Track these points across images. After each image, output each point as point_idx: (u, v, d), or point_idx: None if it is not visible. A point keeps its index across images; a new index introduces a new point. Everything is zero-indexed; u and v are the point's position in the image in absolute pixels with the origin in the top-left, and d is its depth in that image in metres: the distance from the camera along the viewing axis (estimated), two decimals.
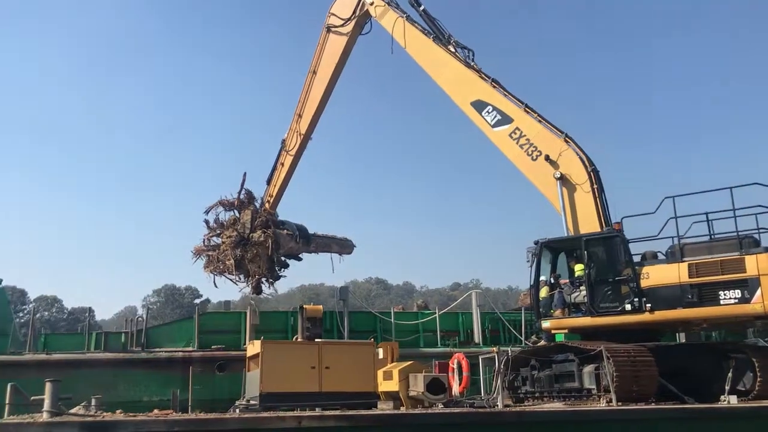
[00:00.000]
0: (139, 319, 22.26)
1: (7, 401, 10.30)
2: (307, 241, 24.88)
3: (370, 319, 23.40)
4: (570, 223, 15.73)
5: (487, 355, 16.55)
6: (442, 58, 18.92)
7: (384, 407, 13.05)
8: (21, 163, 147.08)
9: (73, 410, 10.39)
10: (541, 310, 15.33)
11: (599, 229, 15.21)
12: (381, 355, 15.33)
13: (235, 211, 24.24)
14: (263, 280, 23.90)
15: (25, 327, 28.95)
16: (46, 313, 74.50)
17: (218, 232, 24.16)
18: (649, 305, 13.60)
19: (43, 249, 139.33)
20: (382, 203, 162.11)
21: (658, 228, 14.12)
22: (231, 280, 23.82)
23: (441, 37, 19.28)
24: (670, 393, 13.09)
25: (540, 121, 16.73)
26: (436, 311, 23.89)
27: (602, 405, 12.04)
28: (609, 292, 14.21)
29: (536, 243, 15.40)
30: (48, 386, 8.72)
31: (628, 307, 13.82)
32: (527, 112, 16.96)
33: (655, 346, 13.83)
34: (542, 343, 17.26)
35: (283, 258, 24.54)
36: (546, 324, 15.05)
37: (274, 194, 24.27)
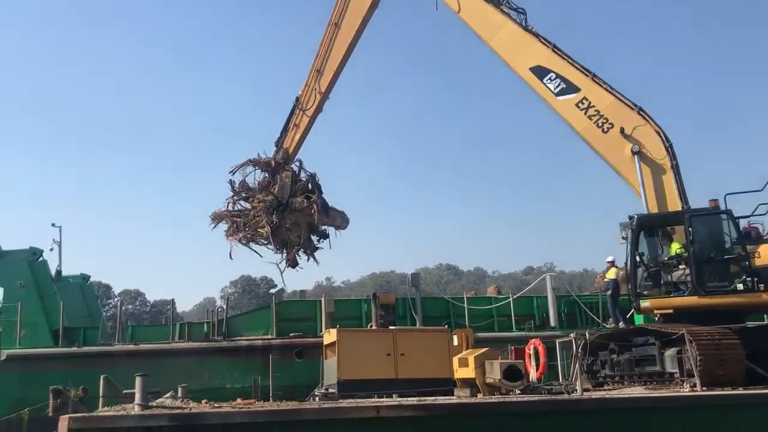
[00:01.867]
0: (219, 309, 22.99)
1: (100, 393, 10.81)
2: (326, 213, 22.48)
3: (442, 306, 23.37)
4: (649, 201, 15.11)
5: (564, 339, 16.32)
6: (495, 18, 17.63)
7: (461, 394, 13.06)
8: (100, 163, 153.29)
9: (161, 399, 10.84)
10: (639, 290, 14.35)
11: (678, 207, 14.72)
12: (456, 342, 15.34)
13: (267, 173, 21.76)
14: (300, 251, 21.73)
15: (111, 320, 30.34)
16: (130, 306, 77.75)
17: (245, 195, 21.63)
18: (762, 285, 13.07)
19: (125, 244, 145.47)
20: (447, 188, 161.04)
21: (743, 207, 13.65)
22: (255, 251, 21.52)
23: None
24: (758, 376, 12.57)
25: (609, 92, 16.01)
26: (510, 296, 23.65)
27: (686, 390, 11.66)
28: (716, 272, 13.57)
29: (631, 218, 14.51)
30: (138, 381, 9.15)
31: (740, 286, 13.23)
32: (595, 82, 16.19)
33: (741, 328, 13.27)
34: (621, 325, 16.89)
35: (323, 228, 22.33)
36: (646, 304, 14.12)
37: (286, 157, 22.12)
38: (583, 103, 16.08)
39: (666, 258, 14.37)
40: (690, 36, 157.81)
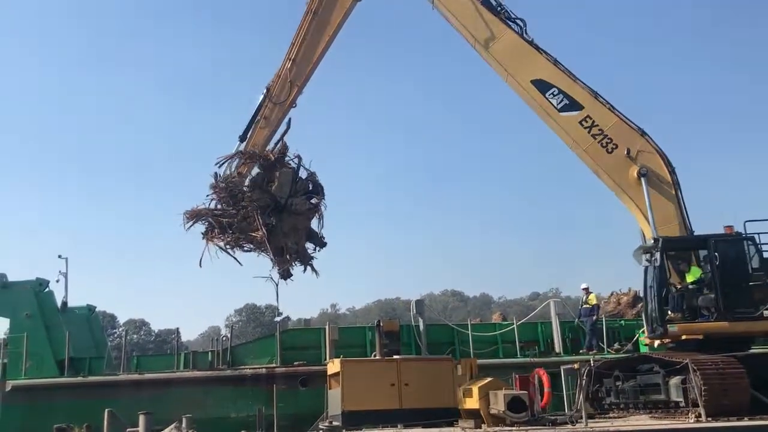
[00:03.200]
0: (224, 338, 22.98)
1: (105, 428, 10.88)
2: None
3: (447, 332, 23.32)
4: (657, 225, 14.92)
5: (569, 366, 16.29)
6: (495, 26, 16.64)
7: (465, 426, 13.04)
8: (105, 193, 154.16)
9: (167, 430, 10.88)
10: (669, 313, 13.95)
11: (684, 232, 14.76)
12: (460, 372, 15.33)
13: (261, 168, 18.40)
14: (295, 261, 18.45)
15: (116, 350, 30.34)
16: (135, 336, 77.63)
17: (234, 192, 17.90)
18: None
19: (130, 273, 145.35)
20: (452, 213, 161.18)
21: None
22: (236, 259, 17.80)
23: (488, 2, 16.90)
24: (764, 405, 12.51)
25: (613, 112, 15.73)
26: (514, 322, 23.62)
27: (691, 420, 11.62)
28: (742, 298, 13.56)
29: (656, 240, 14.31)
30: (141, 419, 9.21)
31: (766, 313, 13.25)
32: (598, 101, 15.79)
33: (746, 356, 13.25)
34: (624, 351, 16.86)
35: (321, 234, 18.88)
36: (674, 329, 13.71)
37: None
38: (586, 122, 15.69)
39: (689, 283, 14.20)
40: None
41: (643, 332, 15.95)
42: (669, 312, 13.92)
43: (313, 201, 18.55)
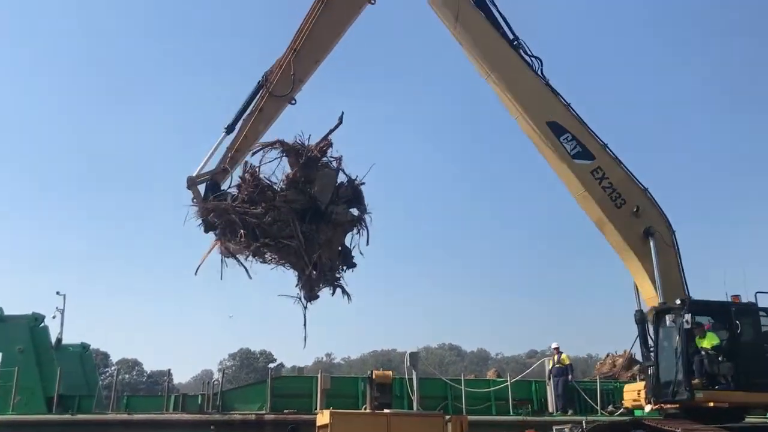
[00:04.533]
0: (215, 382, 22.85)
1: None
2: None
3: (441, 386, 23.17)
4: (663, 287, 14.66)
5: (561, 427, 16.17)
6: (514, 62, 15.68)
7: None
8: (103, 231, 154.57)
9: None
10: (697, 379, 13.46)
11: (683, 296, 14.55)
12: (450, 429, 15.24)
13: (298, 164, 14.83)
14: (323, 281, 15.17)
15: (107, 389, 30.09)
16: (127, 375, 76.84)
17: (265, 189, 14.44)
18: None
19: (126, 312, 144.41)
20: (451, 266, 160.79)
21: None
22: (247, 268, 14.28)
23: (506, 36, 15.91)
24: None
25: (621, 166, 15.36)
26: (508, 379, 23.47)
27: None
28: (759, 368, 13.60)
29: (682, 302, 13.97)
30: None
31: None
32: (607, 152, 15.34)
33: (740, 428, 13.20)
34: (619, 413, 16.71)
35: (351, 255, 15.66)
36: (700, 395, 13.24)
37: (237, 148, 15.20)
38: (597, 173, 15.15)
39: (708, 349, 13.95)
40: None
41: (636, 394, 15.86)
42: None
43: (355, 212, 15.49)
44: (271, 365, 74.83)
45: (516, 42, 15.84)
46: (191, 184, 13.82)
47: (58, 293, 25.13)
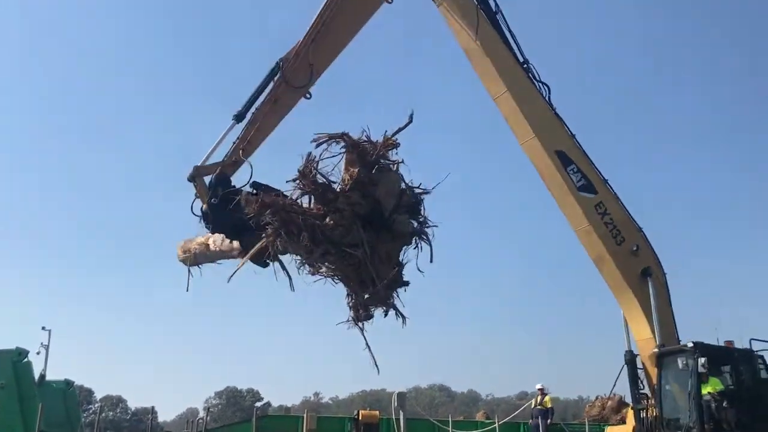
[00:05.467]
0: (200, 420, 22.56)
1: None
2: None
3: (428, 428, 23.06)
4: (660, 329, 14.44)
5: None
6: (527, 85, 14.79)
7: None
8: (92, 264, 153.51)
9: None
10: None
11: (674, 340, 14.54)
12: None
13: (361, 162, 11.98)
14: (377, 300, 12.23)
15: (90, 426, 29.58)
16: (111, 413, 75.55)
17: (327, 188, 11.40)
18: None
19: (112, 347, 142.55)
20: (443, 305, 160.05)
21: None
22: (290, 276, 11.26)
23: (516, 58, 14.91)
24: None
25: (620, 204, 15.01)
26: (496, 420, 23.31)
27: None
28: (759, 413, 13.54)
29: (696, 345, 13.68)
30: None
31: None
32: (607, 188, 14.95)
33: None
34: None
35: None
36: None
37: (250, 140, 13.11)
38: (600, 207, 14.66)
39: (712, 394, 13.69)
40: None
41: None
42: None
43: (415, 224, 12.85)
44: (258, 404, 73.99)
45: (526, 65, 15.05)
46: (197, 174, 11.37)
47: (43, 328, 24.88)
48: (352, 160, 12.16)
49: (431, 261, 12.61)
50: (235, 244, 11.32)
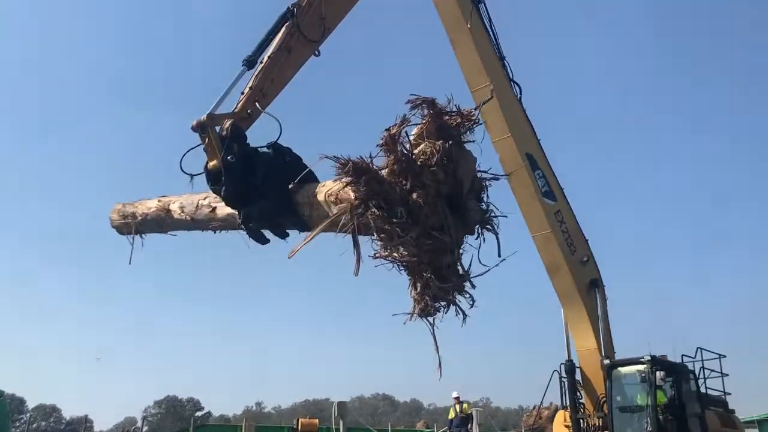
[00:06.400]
0: (135, 430, 22.14)
1: None
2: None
3: None
4: (604, 340, 14.66)
5: None
6: (506, 82, 14.28)
7: None
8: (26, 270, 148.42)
9: None
10: None
11: (611, 351, 14.80)
12: None
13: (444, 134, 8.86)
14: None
15: None
16: (44, 423, 73.00)
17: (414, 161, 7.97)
18: None
19: (45, 354, 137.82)
20: (385, 311, 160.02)
21: None
22: (359, 258, 7.87)
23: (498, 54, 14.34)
24: None
25: (571, 213, 15.07)
26: (435, 429, 23.56)
27: None
28: (697, 425, 13.86)
29: (653, 358, 14.03)
30: None
31: None
32: (564, 196, 15.00)
33: None
34: None
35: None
36: None
37: (264, 92, 11.29)
38: (559, 215, 14.70)
39: (661, 406, 14.07)
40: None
41: None
42: None
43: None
44: (198, 413, 72.54)
45: (502, 62, 14.62)
46: (210, 123, 9.45)
47: None
48: (431, 131, 10.22)
49: (499, 255, 11.65)
50: (220, 212, 8.95)
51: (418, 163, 8.03)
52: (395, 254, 8.16)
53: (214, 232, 9.32)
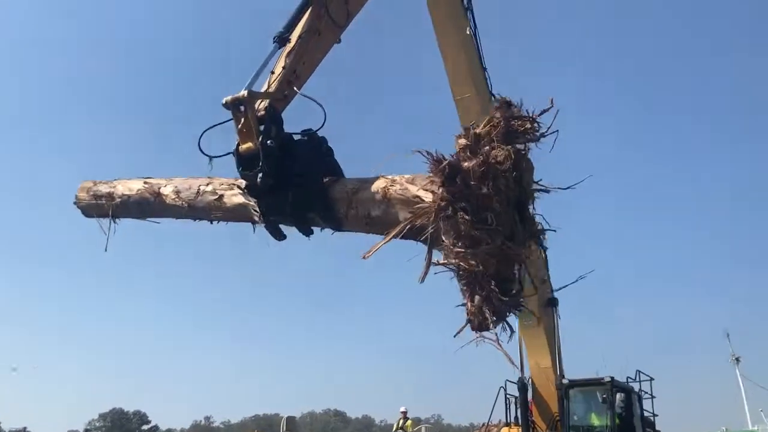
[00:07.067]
0: None
1: None
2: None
3: None
4: (556, 356, 14.90)
5: None
6: (488, 97, 13.59)
7: None
8: None
9: None
10: None
11: (557, 370, 15.00)
12: None
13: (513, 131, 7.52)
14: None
15: None
16: None
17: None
18: None
19: None
20: (337, 327, 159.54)
21: None
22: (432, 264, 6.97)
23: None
24: None
25: None
26: None
27: None
28: None
29: (612, 379, 14.36)
30: None
31: None
32: None
33: None
34: None
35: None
36: None
37: (298, 74, 9.42)
38: None
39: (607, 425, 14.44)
40: None
41: None
42: None
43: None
44: (145, 427, 71.04)
45: (485, 72, 14.31)
46: (249, 100, 7.91)
47: None
48: (499, 134, 9.11)
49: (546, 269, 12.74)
50: (228, 201, 7.78)
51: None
52: (464, 262, 7.14)
53: (211, 223, 8.14)
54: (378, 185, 6.31)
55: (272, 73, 8.69)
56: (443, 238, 6.18)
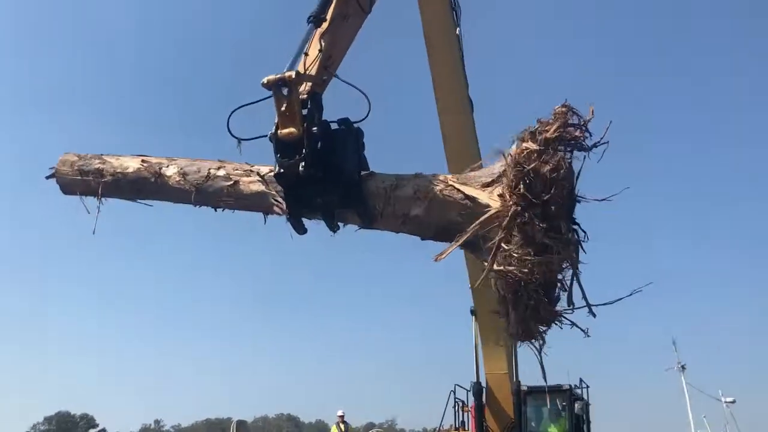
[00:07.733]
0: None
1: None
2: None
3: None
4: (511, 363, 14.81)
5: None
6: (468, 108, 13.01)
7: None
8: None
9: None
10: None
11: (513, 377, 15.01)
12: None
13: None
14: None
15: None
16: None
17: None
18: None
19: None
20: (290, 331, 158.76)
21: None
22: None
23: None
24: None
25: None
26: None
27: None
28: None
29: (571, 387, 14.69)
30: None
31: None
32: None
33: None
34: None
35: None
36: None
37: (333, 59, 8.42)
38: None
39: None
40: None
41: None
42: None
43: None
44: (92, 430, 69.37)
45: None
46: (296, 81, 7.14)
47: None
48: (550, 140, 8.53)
49: (579, 283, 11.46)
50: (245, 188, 7.09)
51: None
52: (518, 271, 6.52)
53: (215, 210, 7.27)
54: (419, 183, 6.01)
55: (306, 54, 7.83)
56: (502, 245, 5.72)
